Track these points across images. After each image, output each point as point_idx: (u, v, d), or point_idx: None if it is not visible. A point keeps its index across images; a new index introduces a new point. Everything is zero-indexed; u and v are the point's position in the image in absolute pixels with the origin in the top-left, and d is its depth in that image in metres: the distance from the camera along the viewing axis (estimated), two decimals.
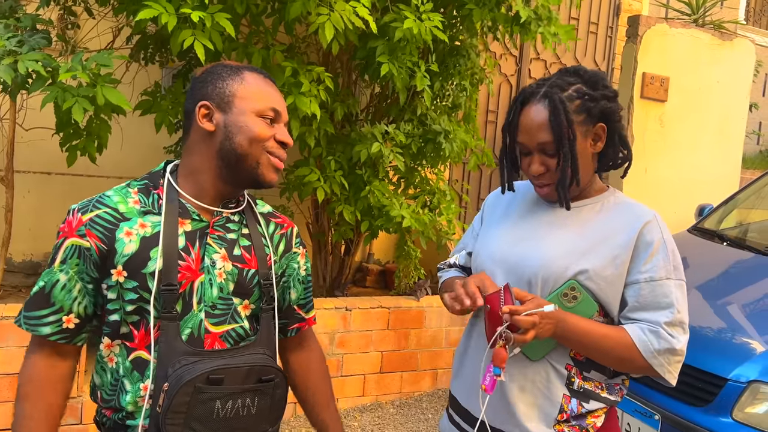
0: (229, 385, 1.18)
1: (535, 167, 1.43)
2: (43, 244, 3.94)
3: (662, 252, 1.40)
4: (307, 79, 2.94)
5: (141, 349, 1.22)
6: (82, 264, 1.21)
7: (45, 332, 1.23)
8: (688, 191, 5.36)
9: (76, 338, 1.26)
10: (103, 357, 1.26)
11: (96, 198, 1.26)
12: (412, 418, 3.60)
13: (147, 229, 1.23)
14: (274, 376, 1.23)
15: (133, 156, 3.90)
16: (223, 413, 1.17)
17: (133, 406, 1.22)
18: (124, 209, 1.24)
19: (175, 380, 1.15)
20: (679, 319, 1.39)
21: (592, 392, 1.43)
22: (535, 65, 5.51)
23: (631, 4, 5.98)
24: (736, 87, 5.72)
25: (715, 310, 2.95)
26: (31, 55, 2.54)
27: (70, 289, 1.22)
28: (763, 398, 2.43)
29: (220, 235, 1.29)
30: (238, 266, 1.29)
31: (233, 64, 1.30)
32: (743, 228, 3.94)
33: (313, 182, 3.25)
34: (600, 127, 1.43)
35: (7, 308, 2.93)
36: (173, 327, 1.20)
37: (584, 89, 1.42)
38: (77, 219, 1.23)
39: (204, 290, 1.25)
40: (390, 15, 3.01)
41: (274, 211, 1.44)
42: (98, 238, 1.21)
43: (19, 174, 3.58)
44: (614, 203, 1.48)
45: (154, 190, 1.28)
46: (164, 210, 1.24)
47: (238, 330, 1.29)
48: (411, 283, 4.05)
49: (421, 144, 3.57)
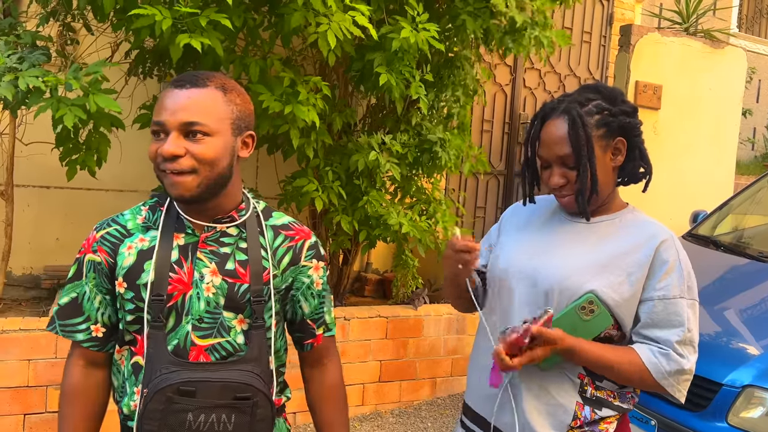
0: (201, 399, 1.19)
1: (555, 179, 1.48)
2: (42, 258, 3.96)
3: (677, 271, 1.43)
4: (305, 88, 2.98)
5: (140, 355, 1.29)
6: (98, 277, 1.31)
7: (79, 338, 1.33)
8: (682, 198, 5.40)
9: (107, 346, 1.35)
10: (117, 361, 1.34)
11: (112, 217, 1.36)
12: (411, 427, 3.61)
13: (145, 243, 1.30)
14: (251, 395, 1.22)
15: (132, 169, 3.93)
16: (195, 426, 1.19)
17: (128, 409, 1.30)
18: (132, 226, 1.33)
19: (152, 388, 1.20)
20: (689, 338, 1.42)
21: (604, 400, 1.47)
22: (529, 74, 5.56)
23: (624, 13, 6.04)
24: (728, 94, 5.78)
25: (709, 316, 2.98)
26: (32, 72, 2.57)
27: (92, 300, 1.32)
28: (758, 403, 2.45)
29: (213, 250, 1.30)
30: (229, 281, 1.29)
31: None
32: (737, 234, 3.97)
33: (311, 192, 3.27)
34: (620, 141, 1.47)
35: (8, 322, 2.94)
36: (160, 337, 1.25)
37: (603, 104, 1.46)
38: (93, 236, 1.33)
39: (192, 303, 1.27)
40: (386, 27, 3.05)
41: (291, 223, 1.41)
42: (107, 253, 1.30)
43: (18, 188, 3.60)
44: (632, 220, 1.51)
45: (161, 206, 1.34)
46: (161, 225, 1.30)
47: (224, 344, 1.28)
48: (409, 292, 4.08)
49: (417, 154, 3.60)
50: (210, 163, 1.22)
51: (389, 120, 3.70)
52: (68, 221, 4.00)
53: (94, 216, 4.01)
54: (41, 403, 2.94)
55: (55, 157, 2.97)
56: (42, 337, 2.93)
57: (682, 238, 3.89)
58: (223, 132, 1.24)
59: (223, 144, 1.24)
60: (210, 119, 1.22)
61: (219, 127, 1.23)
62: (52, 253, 3.98)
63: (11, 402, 2.89)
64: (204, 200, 1.27)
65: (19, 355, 2.89)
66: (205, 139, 1.22)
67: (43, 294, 3.87)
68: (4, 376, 2.88)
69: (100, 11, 2.67)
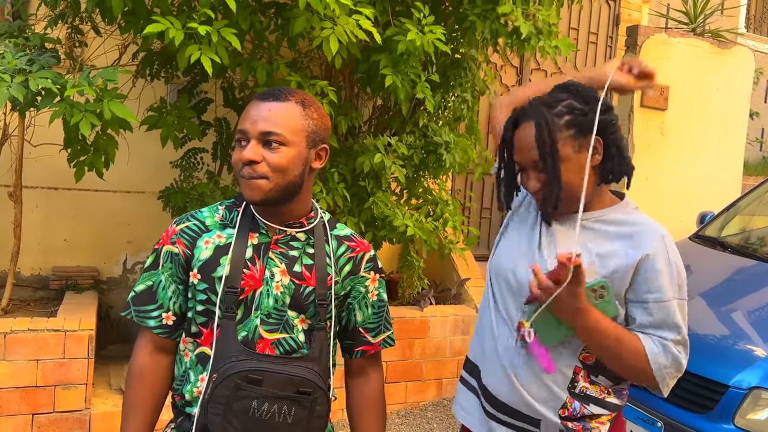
0: (266, 388, 1.27)
1: (532, 183, 1.48)
2: (51, 259, 3.98)
3: (668, 271, 1.43)
4: (311, 93, 2.99)
5: (206, 345, 1.36)
6: (174, 267, 1.39)
7: (151, 324, 1.40)
8: (689, 199, 5.38)
9: (174, 334, 1.42)
10: (180, 351, 1.42)
11: (191, 213, 1.45)
12: (417, 428, 3.61)
13: (222, 240, 1.38)
14: (312, 390, 1.30)
15: (139, 171, 3.95)
16: (258, 414, 1.26)
17: (190, 395, 1.37)
18: (210, 222, 1.41)
19: (221, 373, 1.27)
20: (684, 338, 1.44)
21: (593, 397, 1.48)
22: (536, 76, 5.55)
23: (631, 14, 6.03)
24: (735, 94, 5.76)
25: (717, 318, 2.97)
26: (41, 73, 2.59)
27: (166, 289, 1.40)
28: (765, 404, 2.44)
29: (282, 251, 1.39)
30: (296, 282, 1.38)
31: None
32: (745, 235, 3.96)
33: (316, 194, 3.29)
34: (596, 140, 1.45)
35: (16, 322, 2.97)
36: (231, 327, 1.33)
37: (574, 104, 1.45)
38: (172, 229, 1.42)
39: (262, 299, 1.36)
40: (392, 29, 3.06)
41: (353, 234, 1.50)
42: (185, 245, 1.39)
43: (27, 189, 3.62)
44: (622, 217, 1.51)
45: (237, 207, 1.42)
46: (238, 224, 1.39)
47: (289, 341, 1.37)
48: (415, 293, 4.08)
49: (423, 155, 3.61)
50: (282, 170, 1.31)
51: (395, 121, 3.71)
52: (76, 222, 4.02)
53: (102, 217, 4.07)
54: (49, 403, 2.96)
55: (63, 159, 2.99)
56: (50, 338, 2.95)
57: (689, 239, 3.88)
58: (297, 143, 1.33)
59: (297, 154, 1.33)
60: (286, 130, 1.32)
61: (294, 139, 1.33)
62: (60, 254, 4.00)
63: (20, 402, 2.91)
64: (275, 204, 1.36)
65: (28, 356, 2.91)
66: (281, 149, 1.31)
67: (51, 294, 3.89)
68: (13, 376, 2.90)
69: (108, 14, 2.69)
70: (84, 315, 3.17)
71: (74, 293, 3.75)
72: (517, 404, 1.51)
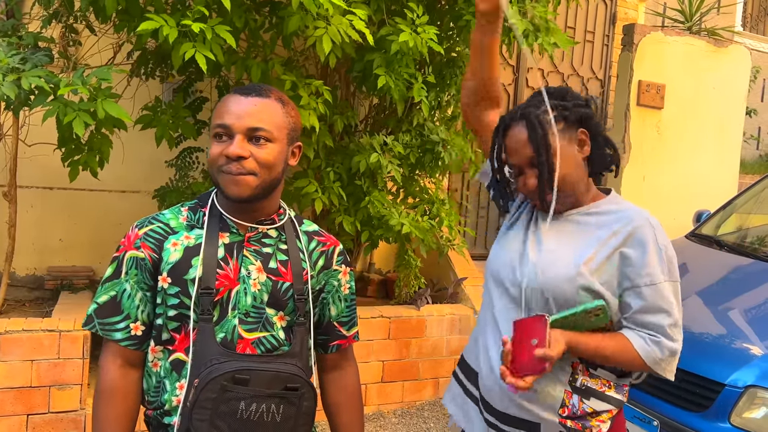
0: (254, 387, 1.24)
1: (531, 181, 1.53)
2: (46, 259, 3.97)
3: (657, 255, 1.47)
4: (306, 92, 2.98)
5: (180, 351, 1.32)
6: (140, 274, 1.34)
7: (118, 337, 1.34)
8: (686, 197, 5.38)
9: (143, 345, 1.36)
10: (149, 362, 1.37)
11: (152, 216, 1.40)
12: (414, 428, 3.61)
13: (191, 241, 1.35)
14: (300, 386, 1.29)
15: (134, 170, 3.94)
16: (246, 415, 1.24)
17: (169, 404, 1.32)
18: (174, 224, 1.37)
19: (204, 377, 1.24)
20: (677, 319, 1.48)
21: (594, 390, 1.51)
22: (532, 74, 5.55)
23: (627, 12, 6.03)
24: (732, 93, 5.76)
25: (713, 316, 2.97)
26: (34, 72, 2.58)
27: (132, 298, 1.34)
28: (761, 403, 2.44)
29: (256, 249, 1.37)
30: (272, 278, 1.37)
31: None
32: (741, 233, 3.96)
33: (311, 193, 3.28)
34: (581, 132, 1.53)
35: (11, 322, 2.95)
36: (209, 329, 1.30)
37: (555, 102, 1.53)
38: (134, 234, 1.36)
39: (239, 298, 1.34)
40: (386, 28, 3.05)
41: (320, 230, 1.51)
42: (151, 249, 1.34)
43: (21, 189, 3.61)
44: (606, 209, 1.56)
45: (201, 208, 1.40)
46: (206, 224, 1.36)
47: (270, 338, 1.35)
48: (411, 293, 4.07)
49: (419, 154, 3.60)
50: (269, 166, 1.31)
51: (391, 120, 3.70)
52: (71, 222, 4.01)
53: (97, 217, 4.06)
54: (44, 403, 2.95)
55: (58, 158, 2.98)
56: (45, 338, 2.93)
57: (685, 238, 3.88)
58: (281, 140, 1.33)
59: (280, 151, 1.34)
60: (272, 126, 1.31)
61: (278, 135, 1.33)
62: (55, 254, 3.99)
63: (14, 402, 2.90)
64: (256, 201, 1.34)
65: (22, 356, 2.90)
66: (268, 145, 1.31)
67: (46, 295, 3.88)
68: (7, 376, 2.89)
69: (102, 13, 2.68)
70: (79, 315, 3.16)
71: (69, 293, 3.74)
72: (515, 412, 1.54)
